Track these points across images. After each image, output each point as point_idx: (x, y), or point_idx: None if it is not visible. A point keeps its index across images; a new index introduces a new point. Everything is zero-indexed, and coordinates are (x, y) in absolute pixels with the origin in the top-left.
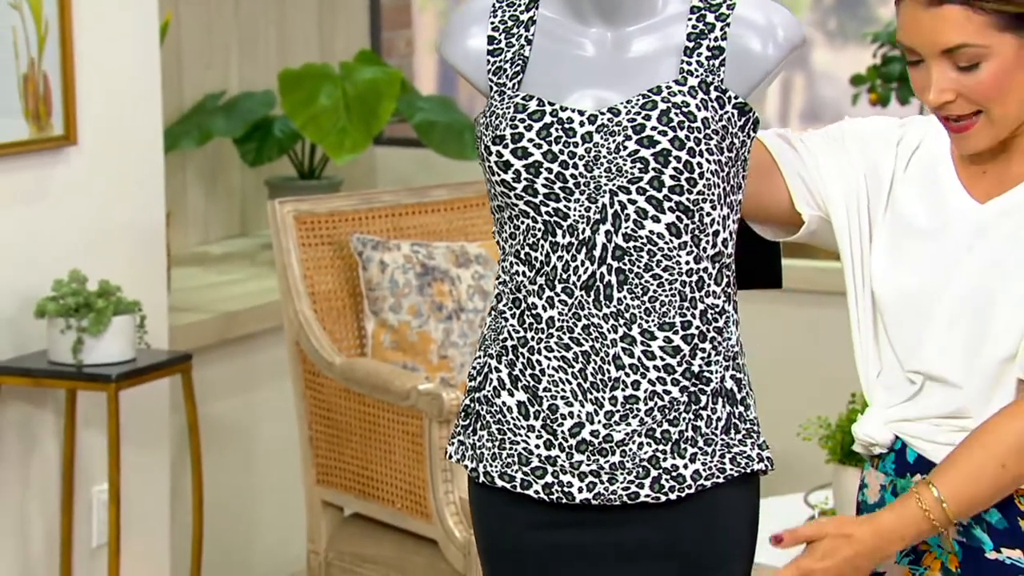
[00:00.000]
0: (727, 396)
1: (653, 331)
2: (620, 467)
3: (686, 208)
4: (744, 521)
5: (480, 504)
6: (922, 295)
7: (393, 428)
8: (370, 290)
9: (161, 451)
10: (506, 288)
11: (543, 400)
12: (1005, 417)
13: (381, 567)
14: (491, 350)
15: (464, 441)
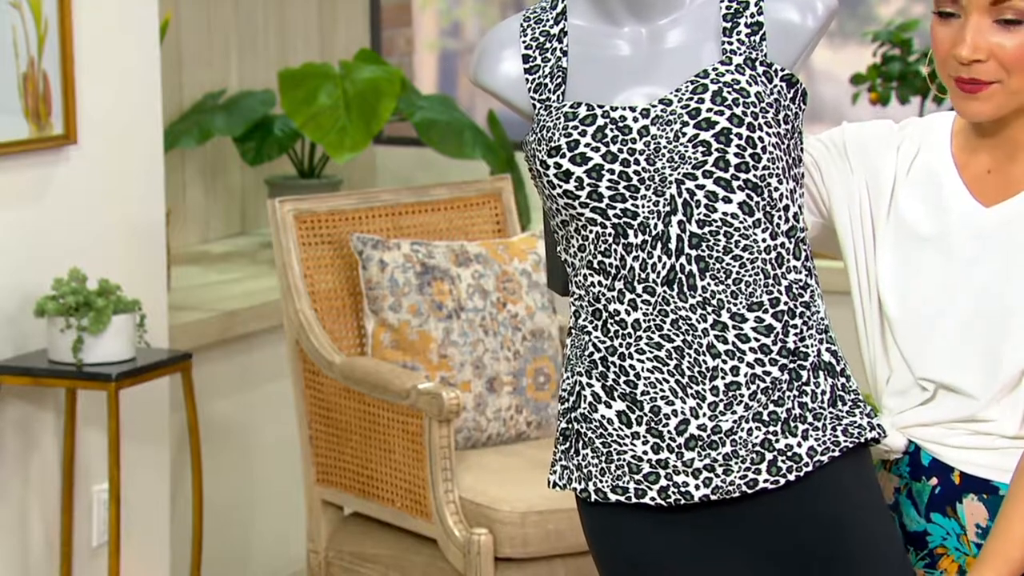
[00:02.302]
0: (827, 369)
1: (743, 313)
2: (734, 456)
3: (755, 185)
4: (867, 486)
5: (594, 523)
6: (930, 304)
7: (393, 427)
8: (370, 289)
9: (161, 450)
10: (583, 302)
11: (643, 404)
12: None
13: (381, 566)
14: (579, 368)
15: (567, 464)
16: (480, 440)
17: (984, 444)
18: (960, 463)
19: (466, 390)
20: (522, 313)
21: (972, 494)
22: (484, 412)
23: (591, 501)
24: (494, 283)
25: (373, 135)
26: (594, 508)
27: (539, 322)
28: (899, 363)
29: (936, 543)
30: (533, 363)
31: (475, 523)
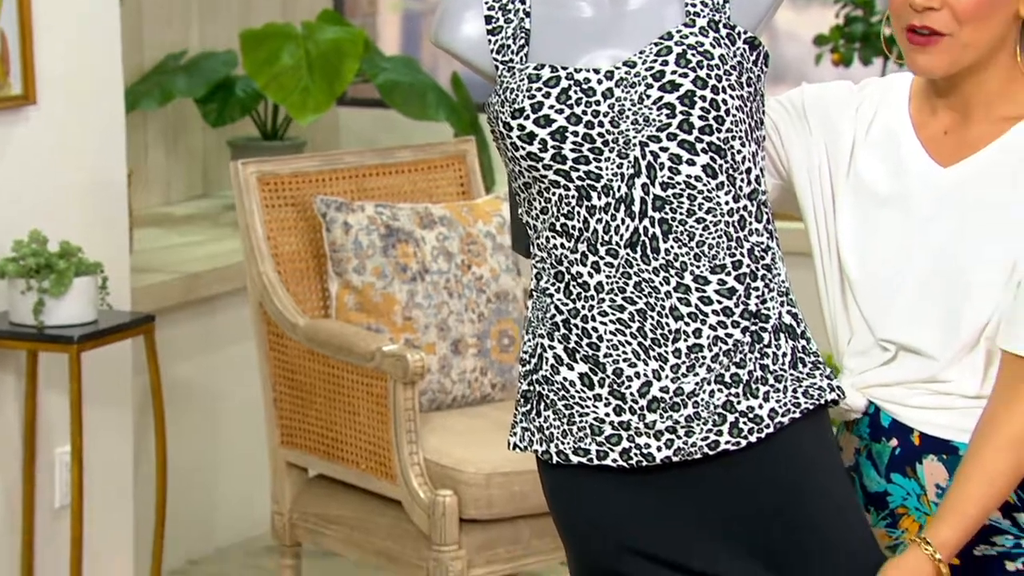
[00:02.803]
0: (787, 331)
1: (706, 275)
2: (695, 418)
3: (718, 148)
4: (827, 448)
5: (556, 485)
6: (889, 265)
7: (357, 389)
8: (334, 251)
9: (124, 413)
10: (545, 264)
11: (606, 366)
12: (991, 446)
13: (345, 528)
14: (540, 330)
15: (528, 427)
16: (445, 402)
17: (944, 404)
18: (920, 424)
19: (431, 352)
20: (487, 275)
21: (932, 454)
22: (449, 374)
23: (552, 463)
24: (458, 245)
25: (336, 96)
26: (555, 470)
27: (504, 284)
28: (860, 324)
29: (896, 503)
30: (498, 325)
31: (440, 485)
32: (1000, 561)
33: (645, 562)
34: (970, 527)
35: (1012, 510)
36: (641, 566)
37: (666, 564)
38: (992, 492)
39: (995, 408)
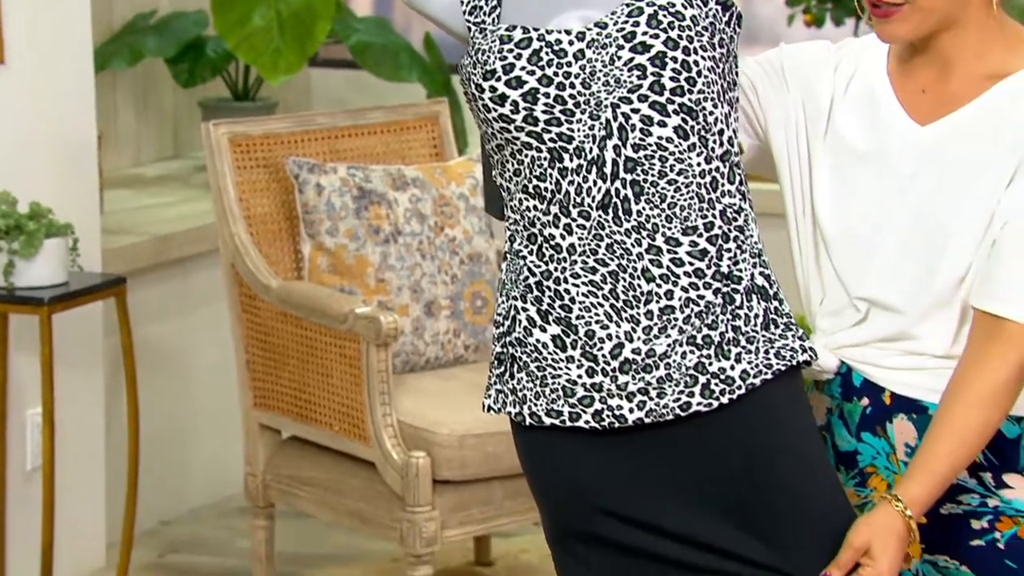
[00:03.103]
0: (760, 292)
1: (678, 237)
2: (667, 380)
3: (689, 109)
4: (799, 409)
5: (529, 447)
6: (867, 222)
7: (330, 351)
8: (306, 213)
9: (95, 374)
10: (519, 226)
11: (578, 328)
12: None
13: (319, 489)
14: (514, 292)
15: (502, 389)
16: (418, 364)
17: (915, 364)
18: (891, 383)
19: (404, 314)
20: (460, 237)
21: (902, 414)
22: (422, 336)
23: (526, 425)
24: (431, 207)
25: (308, 57)
26: (528, 432)
27: (477, 246)
28: (834, 283)
29: (866, 462)
30: (471, 287)
31: (413, 446)
32: (966, 519)
33: (617, 523)
34: (940, 484)
35: (978, 469)
36: (614, 527)
37: (638, 524)
38: (962, 450)
39: (966, 366)
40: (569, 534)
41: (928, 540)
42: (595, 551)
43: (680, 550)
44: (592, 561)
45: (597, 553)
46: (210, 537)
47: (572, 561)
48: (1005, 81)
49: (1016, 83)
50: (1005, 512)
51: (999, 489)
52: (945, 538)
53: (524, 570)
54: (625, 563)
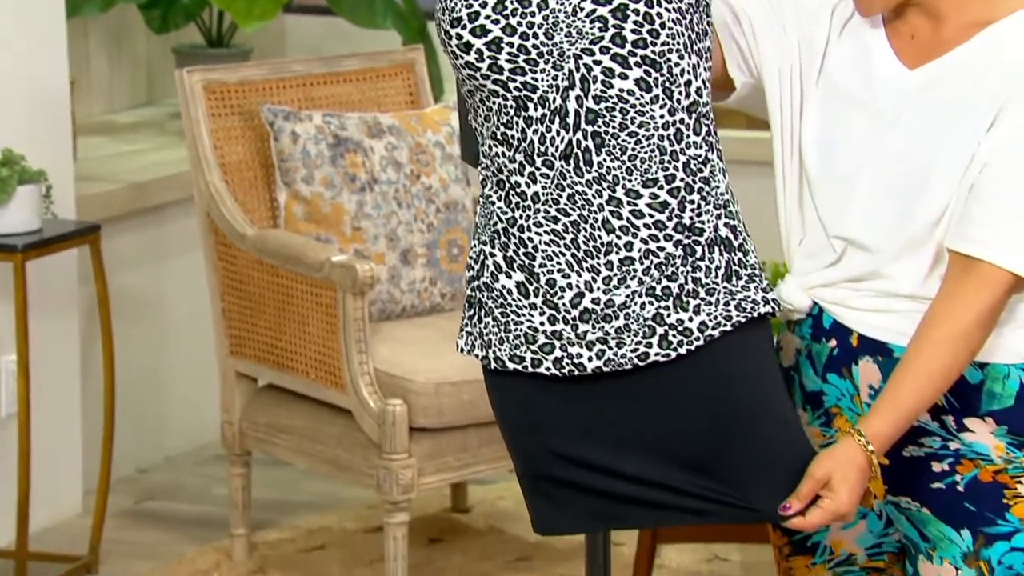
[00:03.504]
0: (723, 244)
1: (638, 190)
2: (626, 330)
3: (652, 61)
4: (763, 360)
5: (496, 390)
6: (851, 163)
7: (307, 299)
8: (282, 161)
9: (70, 322)
10: (489, 172)
11: (540, 276)
12: (934, 343)
13: (295, 437)
14: (484, 236)
15: (471, 331)
16: (394, 312)
17: (883, 306)
18: (859, 325)
19: (380, 262)
20: (436, 185)
21: (868, 356)
22: (398, 284)
23: (491, 368)
24: (407, 155)
25: (282, 3)
26: (495, 375)
27: (453, 194)
28: (814, 224)
29: (831, 403)
30: (447, 235)
31: (390, 394)
32: (927, 462)
33: (576, 467)
34: (903, 421)
35: (940, 412)
36: (573, 470)
37: (598, 469)
38: (927, 388)
39: (938, 306)
40: (534, 476)
41: (890, 482)
42: (559, 490)
43: (640, 490)
44: (557, 498)
45: (561, 491)
46: (187, 484)
47: (539, 498)
48: (991, 27)
49: (1001, 29)
50: (966, 455)
51: (960, 432)
52: (907, 480)
53: (501, 516)
54: (587, 501)
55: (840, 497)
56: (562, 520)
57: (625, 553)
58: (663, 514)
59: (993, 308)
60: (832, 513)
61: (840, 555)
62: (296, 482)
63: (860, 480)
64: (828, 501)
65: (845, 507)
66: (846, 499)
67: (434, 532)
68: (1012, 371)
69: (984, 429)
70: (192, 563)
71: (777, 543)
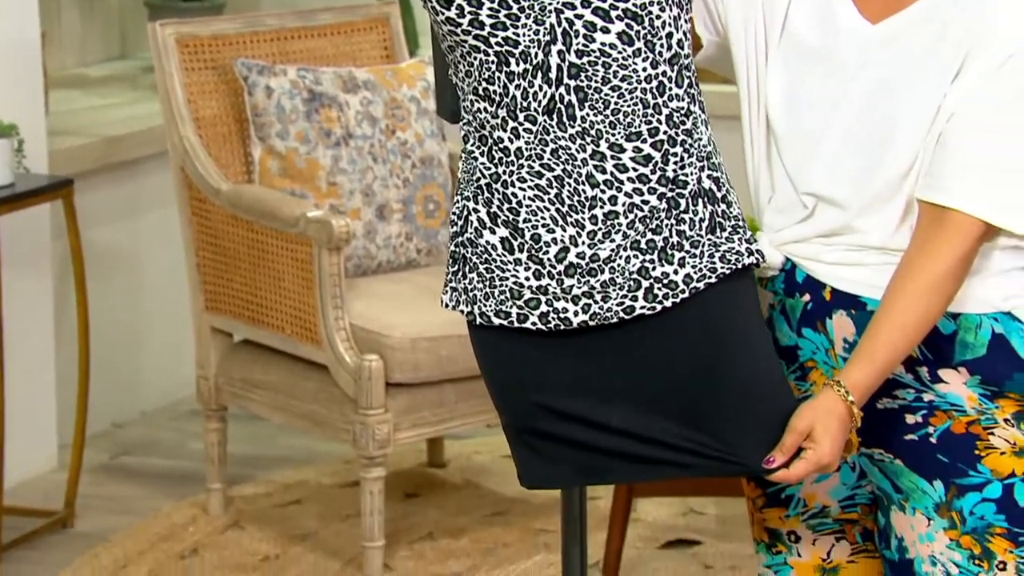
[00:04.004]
0: (707, 196)
1: (621, 143)
2: (611, 284)
3: (634, 14)
4: (748, 312)
5: (482, 345)
6: (816, 119)
7: (282, 255)
8: (256, 116)
9: (44, 277)
10: (471, 127)
11: (524, 232)
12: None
13: (271, 392)
14: (467, 192)
15: (456, 287)
16: (370, 267)
17: (855, 260)
18: (832, 279)
19: (355, 218)
20: (411, 140)
21: (841, 309)
22: (374, 239)
23: (477, 324)
24: (383, 110)
25: None
26: (480, 330)
27: (429, 149)
28: (783, 180)
29: (806, 357)
30: (423, 190)
31: (366, 349)
32: (901, 414)
33: (563, 420)
34: (880, 371)
35: (915, 364)
36: (560, 424)
37: (584, 423)
38: (902, 339)
39: (910, 257)
40: (520, 430)
41: (864, 434)
42: (546, 443)
43: (626, 444)
44: (543, 452)
45: (548, 445)
46: (162, 439)
47: (526, 452)
48: None
49: None
50: (940, 407)
51: (934, 384)
52: (881, 432)
53: (477, 471)
54: (574, 454)
55: (823, 448)
56: (548, 473)
57: (601, 507)
58: (649, 468)
59: (965, 257)
60: (815, 464)
61: (814, 507)
62: (272, 437)
63: (841, 430)
64: (811, 452)
65: (828, 457)
66: (828, 449)
67: (410, 487)
68: (984, 320)
69: (958, 380)
70: (168, 517)
71: (751, 495)
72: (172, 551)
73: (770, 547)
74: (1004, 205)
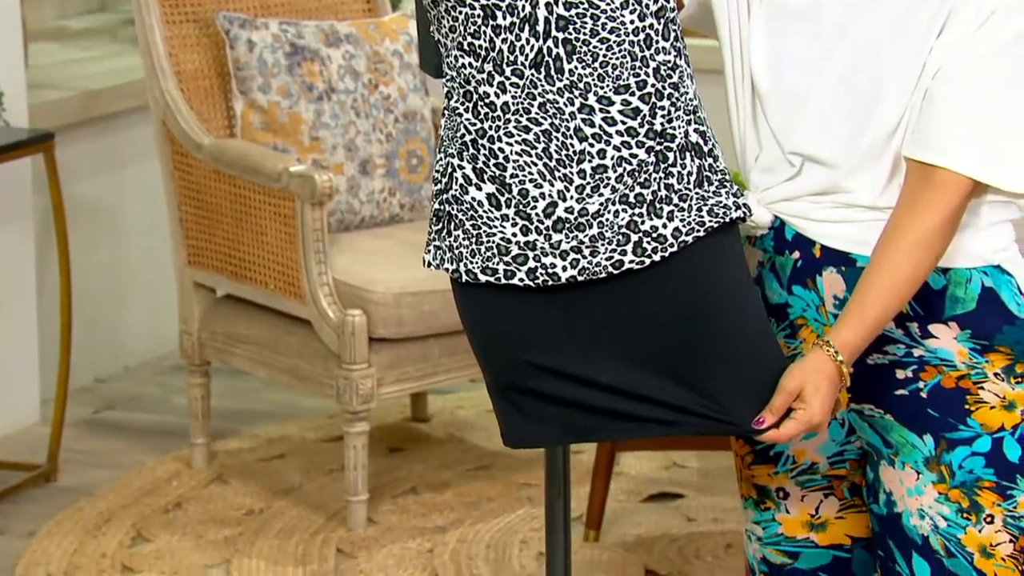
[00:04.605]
0: (694, 149)
1: (610, 96)
2: (600, 238)
3: None
4: (735, 266)
5: (467, 303)
6: (800, 77)
7: (264, 210)
8: (238, 70)
9: (25, 232)
10: (455, 83)
11: (512, 187)
12: (898, 251)
13: (254, 347)
14: (451, 149)
15: (440, 245)
16: (353, 223)
17: (845, 217)
18: (821, 236)
19: (338, 172)
20: (394, 95)
21: (831, 266)
22: (357, 195)
23: (462, 281)
24: (365, 64)
25: None
26: (466, 288)
27: (411, 104)
28: (769, 139)
29: (796, 314)
30: (406, 145)
31: (349, 304)
32: (891, 369)
33: (551, 377)
34: (870, 329)
35: (905, 319)
36: (547, 381)
37: (573, 379)
38: (892, 296)
39: (899, 214)
40: (507, 388)
41: (854, 389)
42: (532, 401)
43: (614, 401)
44: (529, 410)
45: (534, 403)
46: (145, 394)
47: (511, 410)
48: None
49: None
50: (930, 362)
51: (925, 339)
52: (871, 387)
53: (460, 426)
54: (560, 412)
55: (813, 407)
56: (533, 432)
57: (584, 461)
58: (637, 426)
59: (953, 213)
60: (806, 423)
61: (803, 464)
62: (256, 392)
63: (831, 389)
64: (801, 412)
65: (818, 417)
66: (818, 409)
67: (394, 442)
68: (974, 275)
69: (948, 335)
70: (152, 472)
71: (739, 452)
72: (156, 505)
73: (758, 504)
74: (992, 162)
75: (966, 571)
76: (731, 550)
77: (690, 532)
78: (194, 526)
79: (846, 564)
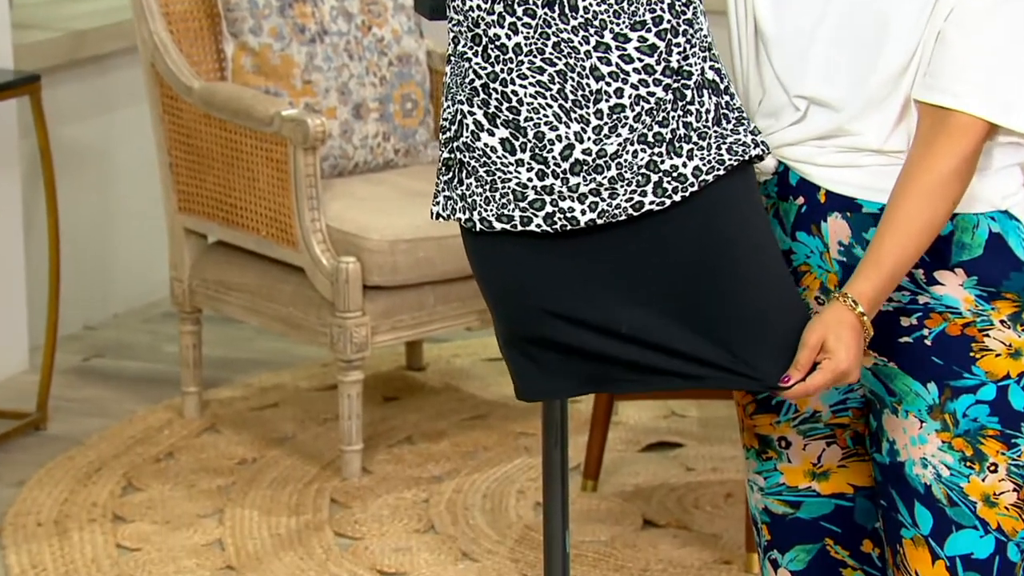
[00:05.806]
0: (711, 87)
1: (626, 33)
2: (619, 180)
3: None
4: (752, 204)
5: (481, 253)
6: (804, 19)
7: (256, 155)
8: (228, 11)
9: (12, 176)
10: (462, 28)
11: (527, 130)
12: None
13: (246, 294)
14: (460, 96)
15: (450, 195)
16: (347, 168)
17: (850, 162)
18: (826, 181)
19: (331, 117)
20: (388, 37)
21: (836, 212)
22: (350, 139)
23: (476, 231)
24: (358, 5)
25: None
26: (479, 237)
27: (406, 46)
28: (773, 83)
29: (800, 261)
30: (400, 89)
31: (343, 251)
32: (896, 316)
33: (569, 326)
34: (888, 279)
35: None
36: (565, 330)
37: (591, 327)
38: (909, 243)
39: (913, 161)
40: (522, 338)
41: None
42: (547, 353)
43: (634, 351)
44: (544, 362)
45: (549, 355)
46: (136, 342)
47: (525, 362)
48: None
49: None
50: (935, 309)
51: (930, 286)
52: (875, 335)
53: (456, 374)
54: (577, 364)
55: (839, 355)
56: (549, 384)
57: (582, 410)
58: (658, 378)
59: (969, 157)
60: (833, 372)
61: (805, 413)
62: (248, 340)
63: (854, 338)
64: (827, 362)
65: (845, 363)
66: (844, 356)
67: (389, 390)
68: (981, 220)
69: (954, 281)
70: (143, 420)
71: (741, 402)
72: (147, 454)
73: (760, 453)
74: (1009, 104)
75: (969, 520)
76: (730, 499)
77: (689, 482)
78: (186, 475)
79: (848, 513)
